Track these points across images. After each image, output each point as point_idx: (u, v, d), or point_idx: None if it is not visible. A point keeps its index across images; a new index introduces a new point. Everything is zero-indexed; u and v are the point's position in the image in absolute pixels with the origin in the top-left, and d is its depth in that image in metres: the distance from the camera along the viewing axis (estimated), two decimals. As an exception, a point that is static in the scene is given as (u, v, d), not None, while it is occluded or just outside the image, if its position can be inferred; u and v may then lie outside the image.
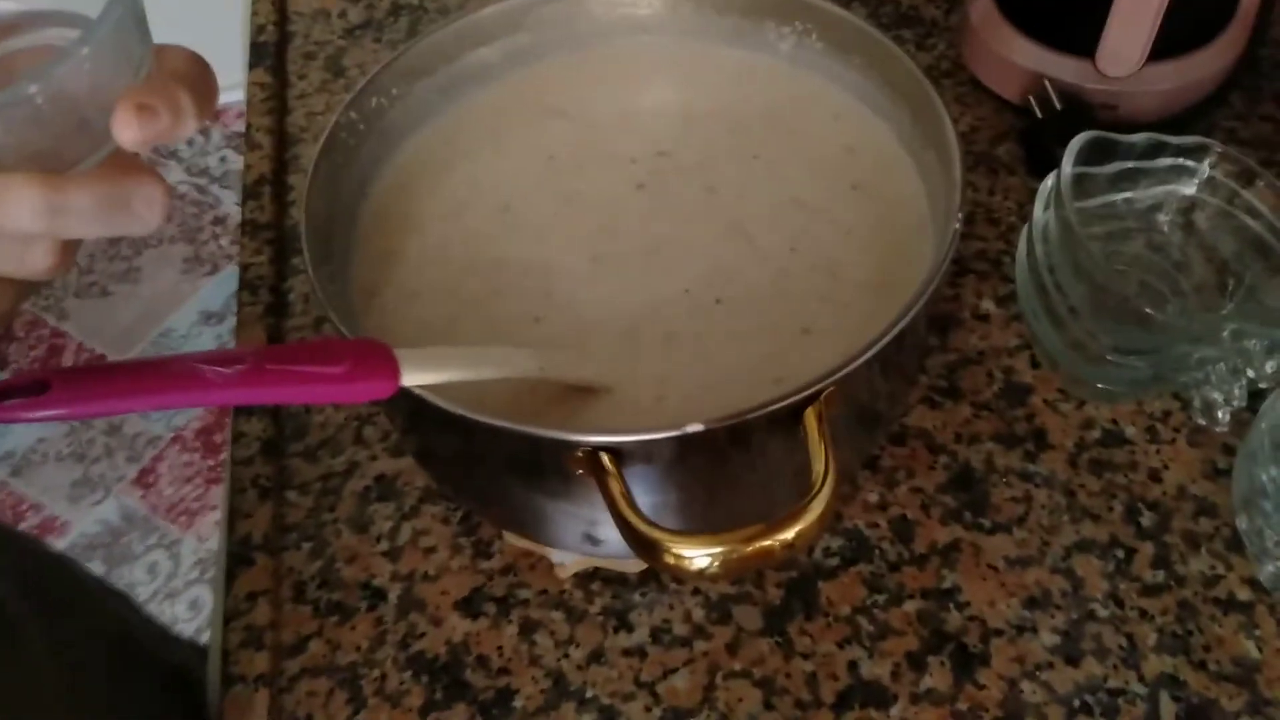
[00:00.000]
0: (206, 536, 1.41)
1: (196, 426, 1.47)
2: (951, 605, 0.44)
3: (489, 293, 0.46)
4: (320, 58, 0.74)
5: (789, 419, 0.36)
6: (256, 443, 0.51)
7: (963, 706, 0.41)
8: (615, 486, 0.34)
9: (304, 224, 0.41)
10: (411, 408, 0.38)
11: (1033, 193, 0.58)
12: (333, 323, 0.38)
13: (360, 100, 0.47)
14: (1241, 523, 0.44)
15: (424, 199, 0.50)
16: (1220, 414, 0.44)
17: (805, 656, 0.43)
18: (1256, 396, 0.44)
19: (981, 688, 0.41)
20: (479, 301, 0.46)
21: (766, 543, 0.32)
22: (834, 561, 0.45)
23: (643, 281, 0.45)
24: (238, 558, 0.47)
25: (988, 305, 0.54)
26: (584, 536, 0.42)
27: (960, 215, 0.38)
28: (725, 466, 0.39)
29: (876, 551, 0.45)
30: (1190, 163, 0.48)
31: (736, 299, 0.45)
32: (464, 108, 0.53)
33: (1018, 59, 0.59)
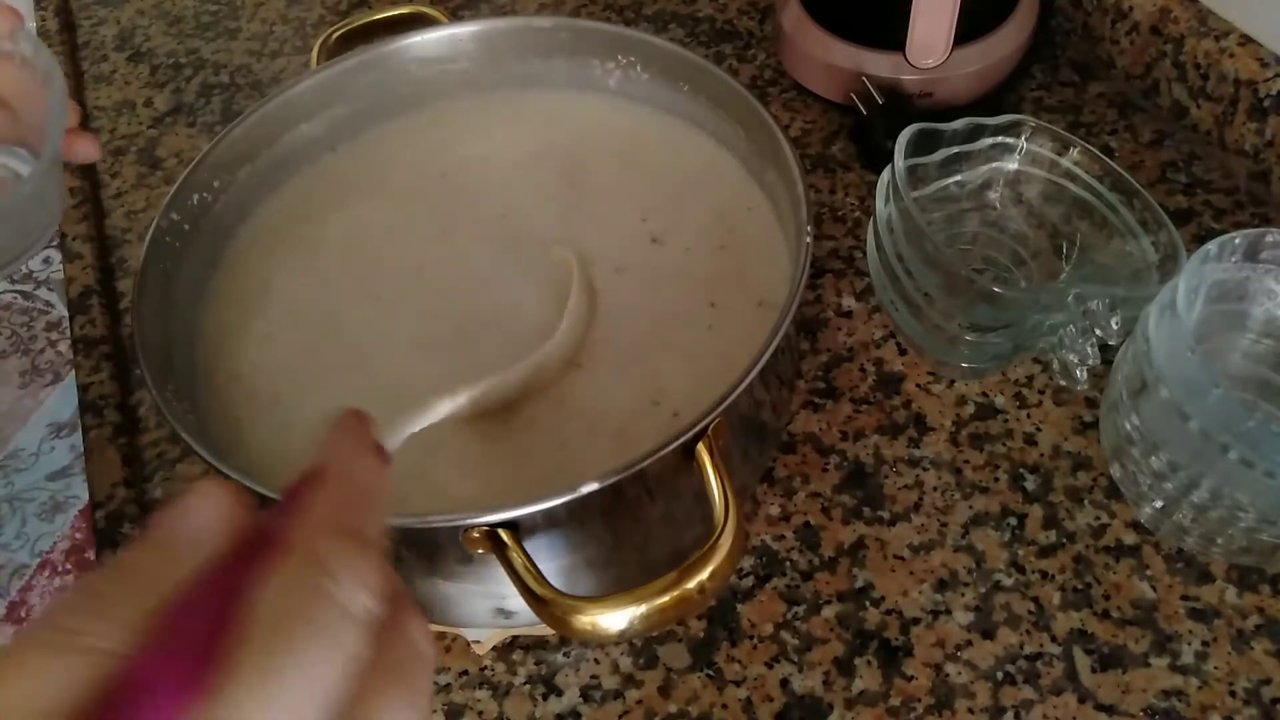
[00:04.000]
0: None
1: (65, 547, 1.36)
2: (867, 603, 0.44)
3: (349, 383, 0.44)
4: (131, 152, 0.70)
5: (681, 457, 0.35)
6: (128, 576, 0.48)
7: (896, 702, 0.41)
8: (518, 560, 0.33)
9: (140, 351, 0.38)
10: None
11: (871, 185, 0.60)
12: (186, 442, 0.36)
13: (179, 200, 0.45)
14: (1115, 471, 0.46)
15: (268, 287, 0.48)
16: (1078, 373, 0.46)
17: (737, 684, 0.43)
18: (1108, 350, 0.47)
19: (910, 679, 0.42)
20: (343, 389, 0.44)
21: (682, 590, 0.31)
22: (749, 582, 0.45)
23: (489, 345, 0.45)
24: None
25: (848, 302, 0.55)
26: (495, 611, 0.40)
27: (810, 229, 0.39)
28: (627, 514, 0.39)
29: (787, 563, 0.46)
30: (1009, 139, 0.51)
31: (594, 354, 0.44)
32: (294, 188, 0.51)
33: (834, 60, 0.61)
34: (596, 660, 0.44)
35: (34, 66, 0.39)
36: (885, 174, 0.49)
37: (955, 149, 0.50)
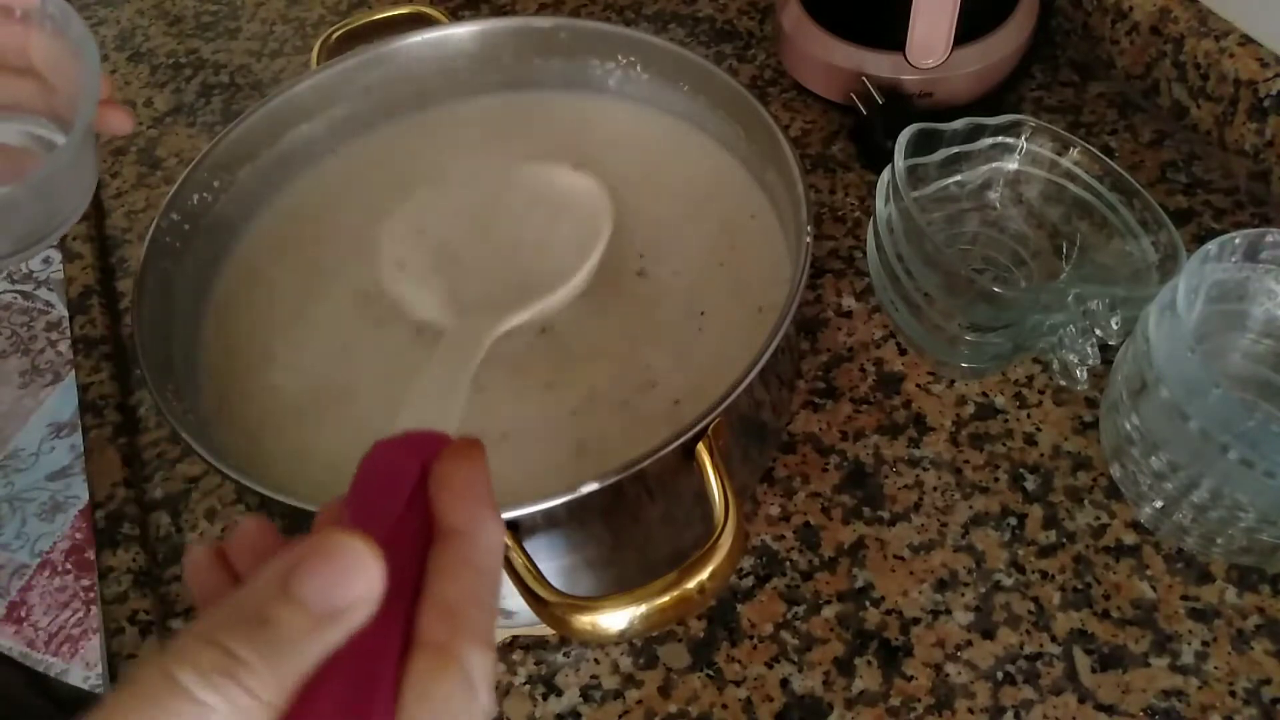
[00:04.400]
0: (94, 663, 1.31)
1: (65, 547, 1.37)
2: (867, 603, 0.44)
3: (349, 383, 0.44)
4: (131, 152, 0.70)
5: (682, 456, 0.35)
6: (127, 576, 0.48)
7: (896, 702, 0.41)
8: (518, 559, 0.33)
9: (140, 351, 0.38)
10: (293, 512, 0.36)
11: (871, 185, 0.60)
12: (186, 442, 0.36)
13: (179, 200, 0.45)
14: (1115, 471, 0.46)
15: (270, 289, 0.48)
16: (1078, 373, 0.46)
17: (737, 684, 0.43)
18: (1108, 350, 0.47)
19: (910, 679, 0.42)
20: (341, 390, 0.44)
21: (682, 590, 0.31)
22: (749, 582, 0.45)
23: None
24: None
25: (848, 302, 0.55)
26: (496, 611, 0.40)
27: (810, 229, 0.39)
28: (627, 514, 0.39)
29: (787, 563, 0.46)
30: (1009, 139, 0.51)
31: (597, 343, 0.44)
32: (294, 188, 0.51)
33: (834, 60, 0.61)
34: (596, 660, 0.44)
35: (66, 37, 0.38)
36: (885, 174, 0.49)
37: (955, 149, 0.50)
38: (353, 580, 0.19)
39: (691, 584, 0.32)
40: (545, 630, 0.44)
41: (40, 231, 0.37)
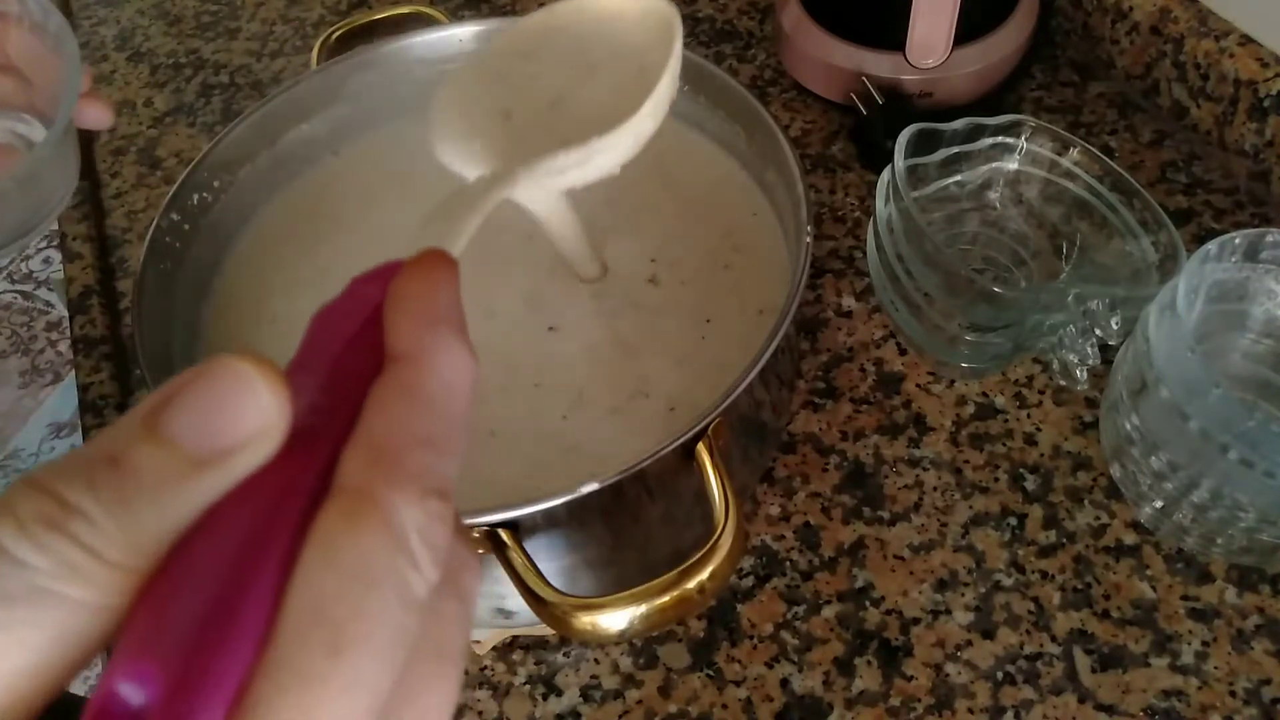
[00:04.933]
0: (93, 663, 1.30)
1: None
2: (867, 603, 0.44)
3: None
4: (131, 152, 0.70)
5: (682, 456, 0.35)
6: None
7: (896, 702, 0.41)
8: (518, 560, 0.33)
9: (140, 351, 0.38)
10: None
11: (871, 185, 0.60)
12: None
13: (179, 200, 0.45)
14: (1115, 471, 0.46)
15: (270, 289, 0.48)
16: (1078, 373, 0.46)
17: (737, 684, 0.43)
18: (1108, 350, 0.47)
19: (910, 679, 0.42)
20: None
21: (682, 590, 0.31)
22: (749, 582, 0.45)
23: (508, 334, 0.45)
24: None
25: (848, 301, 0.55)
26: (495, 612, 0.40)
27: (810, 229, 0.39)
28: (627, 514, 0.39)
29: (787, 563, 0.46)
30: (1009, 139, 0.51)
31: (601, 344, 0.44)
32: (295, 189, 0.51)
33: (834, 60, 0.61)
34: (596, 660, 0.44)
35: (45, 31, 0.38)
36: (885, 174, 0.49)
37: (955, 149, 0.50)
38: (239, 412, 0.15)
39: (691, 584, 0.32)
40: (545, 630, 0.44)
41: (24, 225, 0.37)
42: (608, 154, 0.35)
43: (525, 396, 0.42)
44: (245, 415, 0.15)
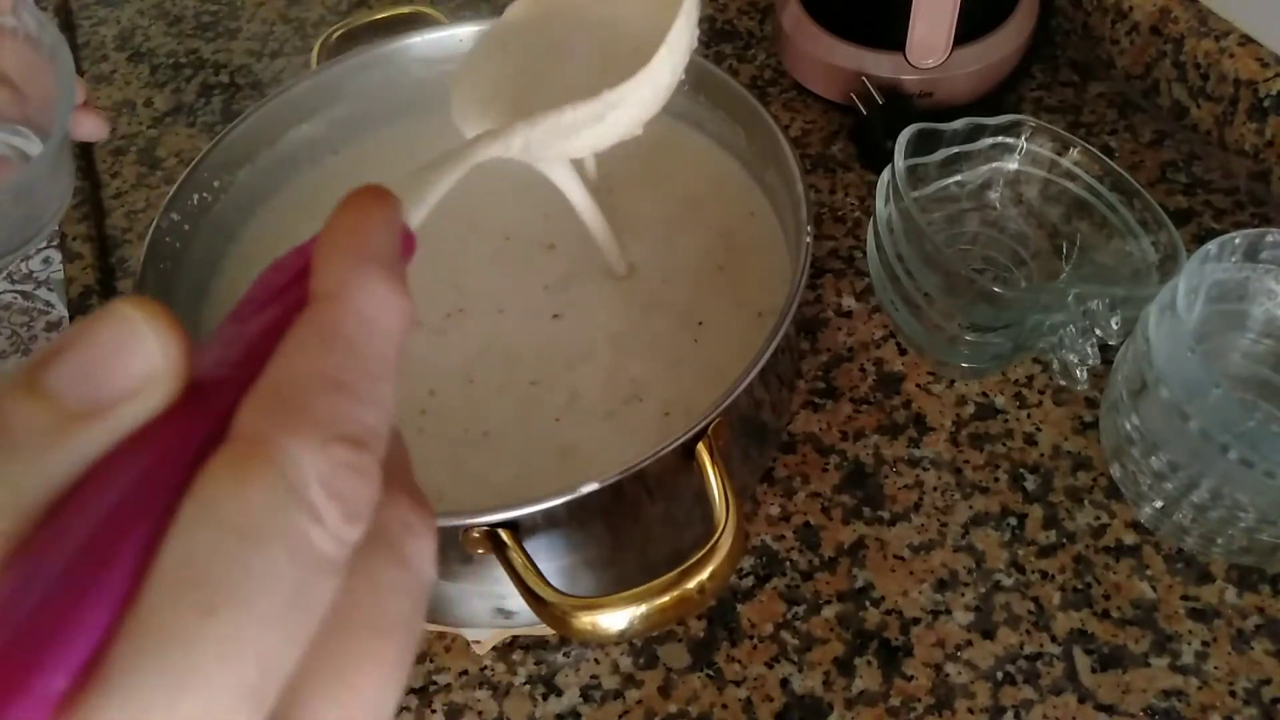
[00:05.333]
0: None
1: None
2: (867, 603, 0.44)
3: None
4: (131, 152, 0.70)
5: (682, 456, 0.35)
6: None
7: (896, 702, 0.41)
8: (518, 559, 0.33)
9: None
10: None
11: (871, 185, 0.60)
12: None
13: (179, 200, 0.45)
14: (1115, 471, 0.46)
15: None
16: (1078, 373, 0.46)
17: (737, 684, 0.43)
18: (1108, 350, 0.47)
19: (910, 679, 0.42)
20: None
21: (682, 590, 0.31)
22: (749, 582, 0.45)
23: (490, 335, 0.45)
24: None
25: (848, 301, 0.55)
26: (495, 612, 0.40)
27: (810, 229, 0.39)
28: (627, 514, 0.39)
29: (787, 563, 0.46)
30: (1009, 139, 0.51)
31: (600, 348, 0.44)
32: (295, 189, 0.51)
33: (834, 60, 0.61)
34: (596, 660, 0.44)
35: (40, 43, 0.38)
36: (885, 174, 0.49)
37: (955, 149, 0.50)
38: (123, 360, 0.14)
39: (691, 584, 0.32)
40: (545, 630, 0.44)
41: (18, 238, 0.38)
42: (624, 109, 0.33)
43: (521, 397, 0.42)
44: (130, 364, 0.14)
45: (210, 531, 0.13)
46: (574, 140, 0.34)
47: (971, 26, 0.58)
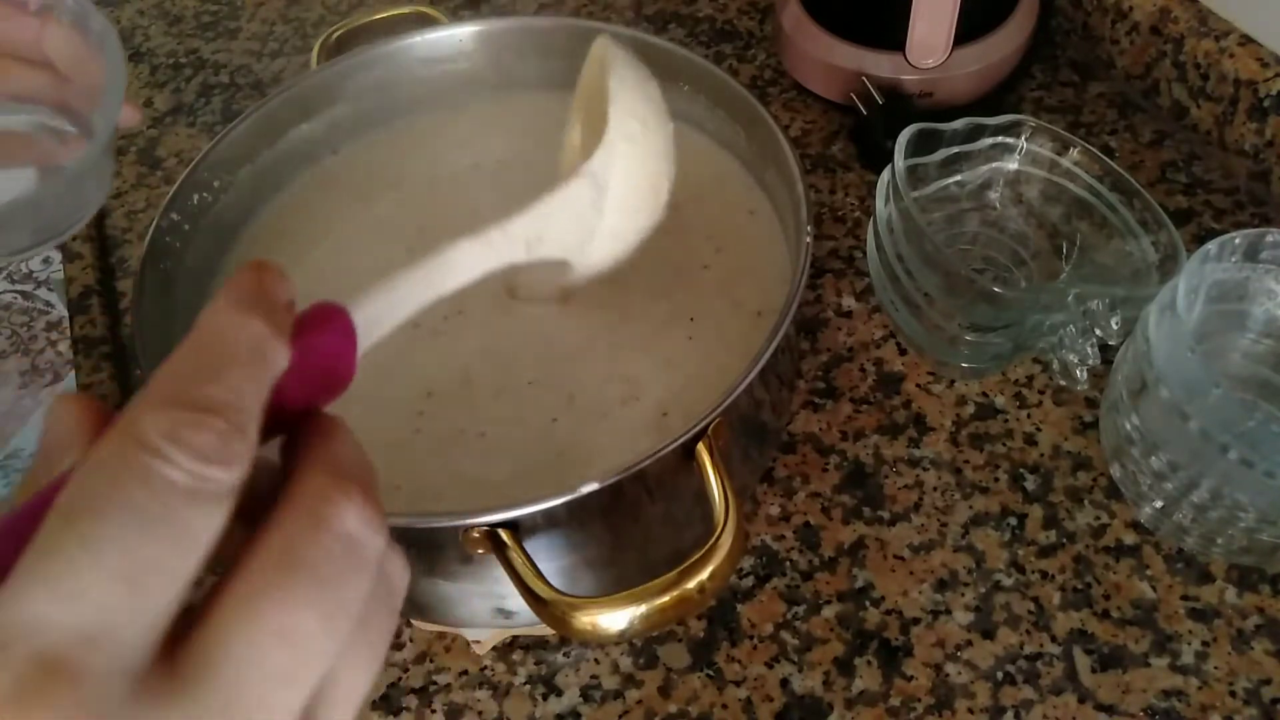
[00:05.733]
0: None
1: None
2: (867, 603, 0.44)
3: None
4: (131, 152, 0.70)
5: (682, 456, 0.35)
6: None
7: (896, 702, 0.41)
8: (518, 559, 0.33)
9: (140, 351, 0.38)
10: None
11: (871, 185, 0.60)
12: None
13: (179, 200, 0.45)
14: (1115, 471, 0.46)
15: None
16: (1078, 373, 0.46)
17: (737, 684, 0.43)
18: (1108, 350, 0.47)
19: (910, 679, 0.42)
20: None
21: (682, 590, 0.31)
22: (749, 582, 0.45)
23: (497, 336, 0.45)
24: None
25: (848, 301, 0.55)
26: (495, 611, 0.40)
27: (810, 229, 0.39)
28: (627, 514, 0.39)
29: (787, 563, 0.46)
30: (1009, 140, 0.51)
31: (598, 348, 0.44)
32: (295, 189, 0.51)
33: (834, 60, 0.61)
34: (596, 660, 0.44)
35: (87, 29, 0.38)
36: (885, 174, 0.49)
37: (955, 149, 0.50)
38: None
39: (691, 584, 0.32)
40: (545, 630, 0.44)
41: (60, 226, 0.38)
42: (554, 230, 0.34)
43: (519, 397, 0.42)
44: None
45: (76, 477, 0.17)
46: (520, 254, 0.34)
47: (971, 26, 0.58)
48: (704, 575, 0.32)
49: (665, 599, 0.31)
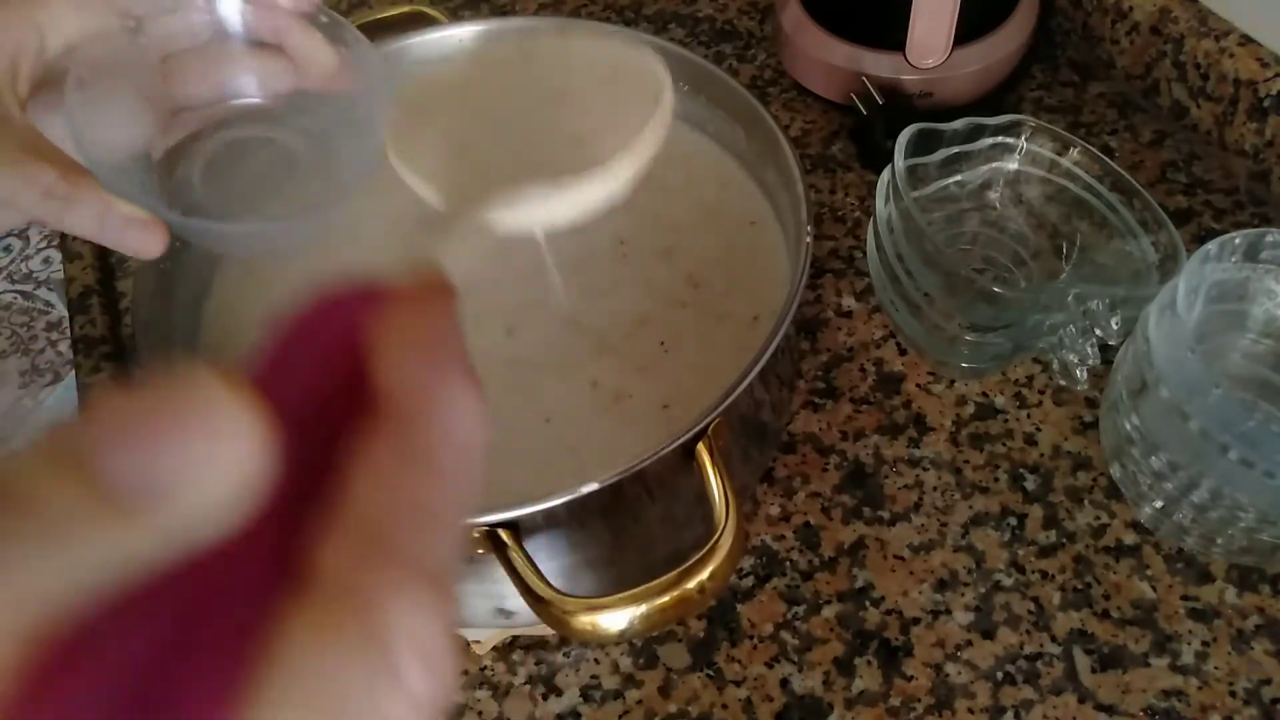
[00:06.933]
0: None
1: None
2: (867, 603, 0.44)
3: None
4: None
5: (682, 456, 0.35)
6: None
7: (896, 702, 0.41)
8: (518, 560, 0.33)
9: (140, 351, 0.38)
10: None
11: (871, 185, 0.60)
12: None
13: (181, 200, 0.45)
14: (1115, 471, 0.46)
15: (270, 288, 0.48)
16: (1078, 373, 0.46)
17: (737, 684, 0.43)
18: (1108, 350, 0.47)
19: (910, 679, 0.42)
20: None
21: (682, 590, 0.31)
22: (749, 582, 0.45)
23: (497, 335, 0.45)
24: None
25: (849, 301, 0.55)
26: (495, 611, 0.40)
27: (810, 229, 0.39)
28: (627, 514, 0.39)
29: (787, 563, 0.46)
30: (1009, 140, 0.51)
31: (599, 348, 0.44)
32: (295, 188, 0.51)
33: (834, 60, 0.61)
34: (596, 660, 0.44)
35: (345, 44, 0.39)
36: (885, 174, 0.49)
37: (955, 149, 0.50)
38: (209, 446, 0.11)
39: (691, 584, 0.32)
40: (545, 630, 0.44)
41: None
42: (560, 204, 0.34)
43: (519, 397, 0.42)
44: (213, 464, 0.11)
45: (293, 712, 0.11)
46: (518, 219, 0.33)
47: (971, 27, 0.58)
48: (704, 575, 0.32)
49: (665, 599, 0.31)
